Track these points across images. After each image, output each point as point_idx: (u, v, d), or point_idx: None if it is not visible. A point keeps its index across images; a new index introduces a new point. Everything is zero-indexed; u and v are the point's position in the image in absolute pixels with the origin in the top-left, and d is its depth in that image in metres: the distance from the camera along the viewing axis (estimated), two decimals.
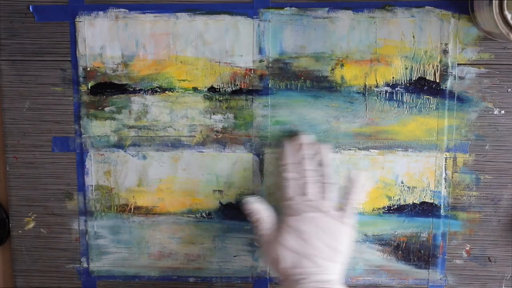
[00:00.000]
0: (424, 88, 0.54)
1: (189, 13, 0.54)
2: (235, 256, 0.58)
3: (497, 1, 0.46)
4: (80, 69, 0.55)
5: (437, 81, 0.54)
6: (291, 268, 0.49)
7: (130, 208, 0.57)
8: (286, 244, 0.49)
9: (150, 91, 0.55)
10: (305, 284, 0.48)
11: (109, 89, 0.55)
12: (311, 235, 0.49)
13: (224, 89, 0.55)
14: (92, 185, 0.57)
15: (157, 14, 0.54)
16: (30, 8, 0.54)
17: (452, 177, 0.56)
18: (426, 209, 0.56)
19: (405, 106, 0.55)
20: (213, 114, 0.56)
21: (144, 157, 0.56)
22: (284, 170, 0.52)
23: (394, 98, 0.55)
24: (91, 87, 0.55)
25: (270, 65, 0.54)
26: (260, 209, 0.53)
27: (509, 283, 0.57)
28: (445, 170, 0.56)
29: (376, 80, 0.54)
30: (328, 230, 0.49)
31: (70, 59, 0.55)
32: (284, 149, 0.53)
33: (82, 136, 0.56)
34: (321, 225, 0.49)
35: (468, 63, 0.54)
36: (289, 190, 0.52)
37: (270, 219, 0.53)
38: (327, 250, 0.49)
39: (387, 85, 0.54)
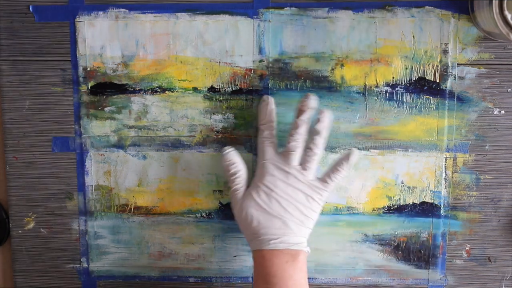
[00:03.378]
0: (424, 88, 0.54)
1: (189, 13, 0.54)
2: (235, 256, 0.58)
3: (497, 1, 0.46)
4: (80, 69, 0.55)
5: (437, 81, 0.54)
6: (262, 227, 0.49)
7: (130, 208, 0.57)
8: (259, 202, 0.49)
9: (150, 91, 0.55)
10: (276, 244, 0.48)
11: (109, 89, 0.55)
12: (285, 198, 0.49)
13: (224, 89, 0.55)
14: (92, 185, 0.57)
15: (157, 14, 0.54)
16: (30, 8, 0.54)
17: (452, 177, 0.56)
18: (426, 209, 0.56)
19: (405, 106, 0.55)
20: (213, 114, 0.56)
21: (144, 157, 0.56)
22: (272, 128, 0.51)
23: (394, 98, 0.55)
24: (91, 87, 0.55)
25: (270, 65, 0.54)
26: (237, 163, 0.52)
27: (509, 283, 0.57)
28: (445, 170, 0.56)
29: (376, 80, 0.54)
30: (303, 197, 0.49)
31: (70, 59, 0.55)
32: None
33: (82, 136, 0.56)
34: (296, 190, 0.49)
35: (468, 63, 0.54)
36: (272, 149, 0.51)
37: (246, 175, 0.52)
38: (299, 215, 0.49)
39: (387, 85, 0.54)
